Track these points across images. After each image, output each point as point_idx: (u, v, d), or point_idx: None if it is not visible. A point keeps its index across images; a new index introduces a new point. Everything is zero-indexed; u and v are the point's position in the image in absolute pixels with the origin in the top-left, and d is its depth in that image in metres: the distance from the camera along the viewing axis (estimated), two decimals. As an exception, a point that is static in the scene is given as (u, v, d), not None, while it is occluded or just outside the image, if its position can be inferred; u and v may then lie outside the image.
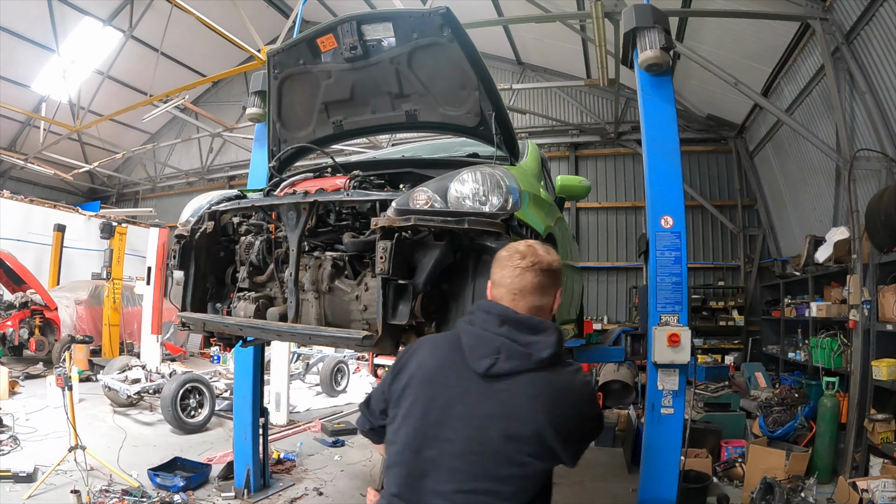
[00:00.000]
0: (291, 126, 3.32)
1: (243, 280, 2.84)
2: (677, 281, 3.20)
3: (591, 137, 10.95)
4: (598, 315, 10.58)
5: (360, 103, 3.10)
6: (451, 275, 2.27)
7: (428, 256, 2.19)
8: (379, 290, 2.15)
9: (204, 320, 2.70)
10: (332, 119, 3.23)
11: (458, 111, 2.88)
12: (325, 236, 2.66)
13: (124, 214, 13.58)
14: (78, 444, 4.49)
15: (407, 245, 2.17)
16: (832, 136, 6.16)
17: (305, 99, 3.18)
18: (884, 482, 4.01)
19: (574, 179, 3.38)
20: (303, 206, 2.47)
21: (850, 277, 5.25)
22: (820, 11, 5.68)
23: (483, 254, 2.23)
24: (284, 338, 2.42)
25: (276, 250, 2.75)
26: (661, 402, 3.13)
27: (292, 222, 2.50)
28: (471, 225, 2.11)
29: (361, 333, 2.20)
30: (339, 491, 4.87)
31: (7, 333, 9.14)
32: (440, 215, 2.14)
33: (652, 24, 3.26)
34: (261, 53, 7.68)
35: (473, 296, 2.21)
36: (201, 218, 2.90)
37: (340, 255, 2.54)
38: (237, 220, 3.03)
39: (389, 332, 2.18)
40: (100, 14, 11.22)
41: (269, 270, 2.77)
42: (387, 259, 2.10)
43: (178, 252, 2.84)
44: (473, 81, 2.68)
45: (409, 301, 2.15)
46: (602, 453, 6.46)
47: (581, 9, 7.68)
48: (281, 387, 7.06)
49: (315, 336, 2.34)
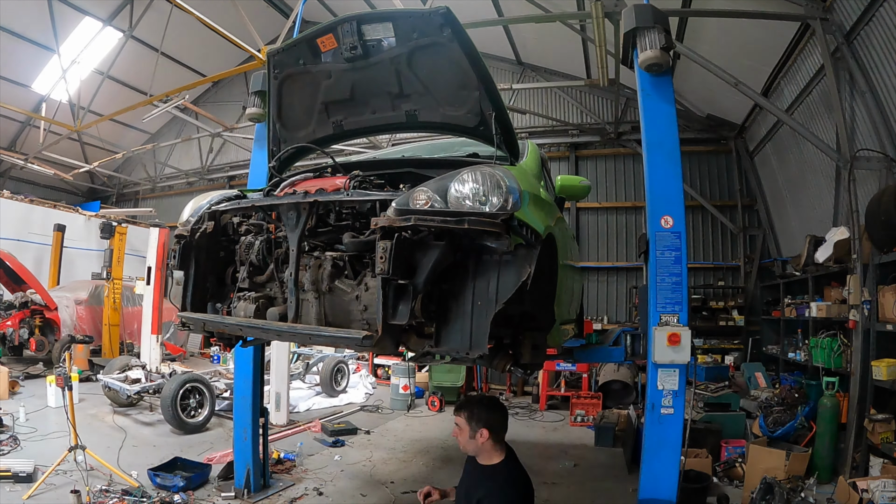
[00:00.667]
0: (291, 126, 3.32)
1: (243, 280, 2.84)
2: (677, 281, 3.20)
3: (591, 137, 10.95)
4: (598, 315, 10.57)
5: (360, 103, 3.10)
6: (452, 275, 2.27)
7: (428, 256, 2.18)
8: (379, 291, 2.14)
9: (204, 320, 2.71)
10: (332, 119, 3.23)
11: (458, 111, 2.87)
12: (325, 236, 2.66)
13: (124, 214, 13.57)
14: (78, 444, 4.49)
15: (407, 245, 2.17)
16: (832, 136, 6.16)
17: (305, 99, 3.18)
18: (884, 482, 4.01)
19: (574, 179, 3.38)
20: (303, 206, 2.48)
21: (850, 277, 5.25)
22: (820, 11, 5.68)
23: (483, 254, 2.23)
24: (284, 338, 2.43)
25: (276, 250, 2.75)
26: (661, 402, 3.13)
27: (292, 222, 2.51)
28: (471, 225, 2.11)
29: (361, 333, 2.20)
30: (339, 491, 4.87)
31: (7, 333, 9.14)
32: (440, 215, 2.14)
33: (652, 24, 3.26)
34: (261, 53, 7.68)
35: (474, 296, 2.21)
36: (201, 218, 2.91)
37: (340, 255, 2.54)
38: (237, 220, 3.03)
39: (389, 332, 2.18)
40: (100, 14, 11.21)
41: (269, 270, 2.77)
42: (387, 259, 2.10)
43: (178, 252, 2.85)
44: (473, 81, 2.68)
45: (409, 301, 2.15)
46: (602, 453, 6.46)
47: (581, 9, 7.68)
48: (281, 387, 7.06)
49: (315, 336, 2.35)
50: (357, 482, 5.15)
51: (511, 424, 2.61)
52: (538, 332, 2.70)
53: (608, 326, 10.43)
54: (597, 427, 6.89)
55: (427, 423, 7.79)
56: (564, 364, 8.69)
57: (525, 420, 8.12)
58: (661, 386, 3.14)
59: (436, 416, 8.23)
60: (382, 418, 7.89)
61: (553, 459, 6.14)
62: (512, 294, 2.16)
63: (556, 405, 8.95)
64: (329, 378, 8.85)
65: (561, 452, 6.41)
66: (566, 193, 3.41)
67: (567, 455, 6.29)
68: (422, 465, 5.78)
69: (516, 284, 2.16)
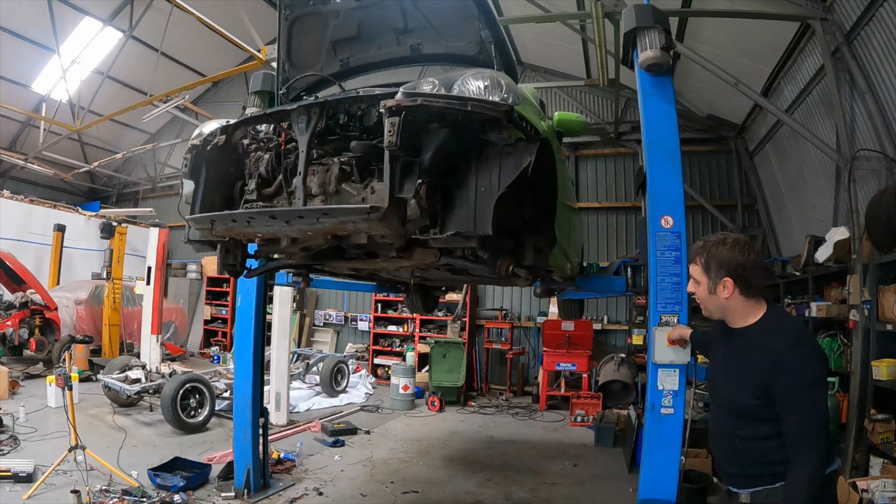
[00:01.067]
0: (300, 66, 3.44)
1: (251, 192, 2.83)
2: (677, 281, 3.20)
3: (590, 137, 10.93)
4: (598, 315, 10.57)
5: (366, 40, 3.27)
6: (456, 170, 2.38)
7: (433, 138, 2.30)
8: (386, 165, 2.23)
9: (212, 217, 2.68)
10: (339, 57, 3.38)
11: (459, 42, 3.04)
12: (334, 145, 2.70)
13: (124, 214, 13.56)
14: (78, 444, 4.49)
15: (413, 125, 2.25)
16: (832, 136, 6.16)
17: (314, 39, 3.33)
18: (884, 482, 4.00)
19: (571, 115, 3.55)
20: (313, 109, 2.54)
21: (850, 277, 5.25)
22: (820, 11, 5.67)
23: (486, 148, 2.34)
24: (293, 222, 2.42)
25: (285, 160, 2.76)
26: (661, 402, 3.14)
27: (303, 126, 2.55)
28: (474, 108, 2.21)
29: (368, 205, 2.26)
30: (339, 491, 4.87)
31: (7, 333, 9.14)
32: (445, 98, 2.26)
33: (652, 24, 3.27)
34: (261, 53, 7.68)
35: (477, 184, 2.31)
36: (214, 132, 2.93)
37: (348, 160, 2.58)
38: (247, 141, 3.05)
39: (395, 206, 2.25)
40: (100, 14, 11.20)
41: (277, 182, 2.77)
42: (395, 132, 2.18)
43: (189, 161, 2.87)
44: (473, 11, 2.85)
45: (414, 177, 2.25)
46: (602, 453, 6.46)
47: (581, 9, 7.67)
48: (281, 387, 7.07)
49: (324, 213, 2.35)
50: (357, 482, 5.15)
51: (511, 424, 2.58)
52: (540, 236, 2.82)
53: (608, 326, 10.46)
54: (597, 427, 6.89)
55: (427, 423, 7.79)
56: (564, 364, 8.72)
57: (525, 420, 8.12)
58: (661, 386, 3.14)
59: (436, 415, 8.23)
60: (382, 418, 7.90)
61: (553, 459, 6.14)
62: (513, 180, 2.26)
63: (556, 405, 8.95)
64: (329, 378, 8.85)
65: (561, 452, 6.42)
66: (564, 128, 3.53)
67: (567, 455, 6.29)
68: (422, 465, 5.78)
69: (517, 171, 2.27)
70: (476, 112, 2.21)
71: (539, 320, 10.51)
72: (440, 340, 9.70)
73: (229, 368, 8.34)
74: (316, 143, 2.61)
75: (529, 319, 10.93)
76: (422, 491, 5.00)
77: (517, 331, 10.86)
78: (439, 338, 10.07)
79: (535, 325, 10.72)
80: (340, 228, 2.36)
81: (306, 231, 2.47)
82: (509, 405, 9.06)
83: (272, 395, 6.91)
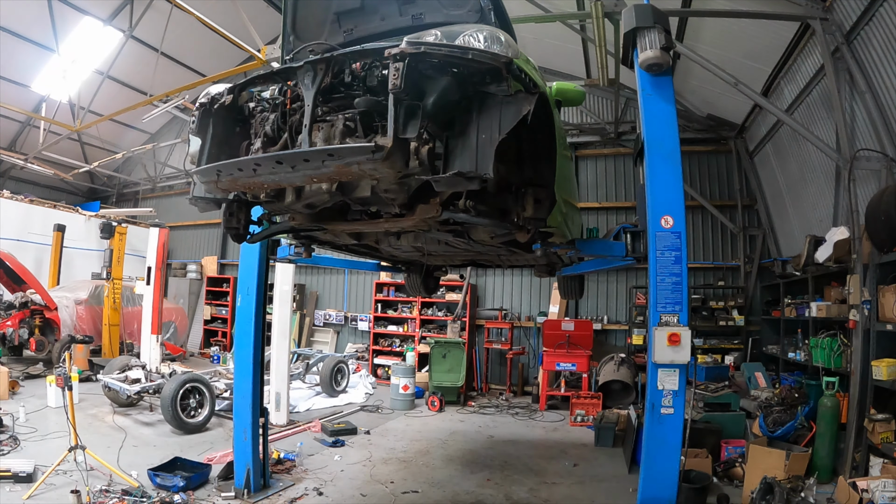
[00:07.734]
0: (305, 38, 3.50)
1: (257, 151, 2.83)
2: (677, 281, 3.20)
3: (590, 137, 10.95)
4: (598, 315, 10.57)
5: (369, 11, 3.32)
6: (458, 121, 2.46)
7: (435, 85, 2.37)
8: (391, 108, 2.28)
9: (218, 167, 2.68)
10: (343, 28, 3.44)
11: (460, 10, 3.10)
12: (338, 102, 2.73)
13: (124, 214, 13.58)
14: (78, 444, 4.49)
15: (417, 71, 2.31)
16: (832, 136, 6.16)
17: (318, 11, 3.43)
18: (884, 482, 4.01)
19: (570, 84, 3.64)
20: (319, 65, 2.58)
21: (850, 277, 5.26)
22: (820, 11, 5.68)
23: (486, 99, 2.40)
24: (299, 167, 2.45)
25: (291, 118, 2.77)
26: (661, 402, 3.14)
27: (309, 81, 2.59)
28: (475, 57, 2.29)
29: (373, 143, 2.30)
30: (339, 491, 4.87)
31: (7, 333, 9.14)
32: (447, 47, 2.33)
33: (652, 24, 3.28)
34: (261, 53, 7.68)
35: (478, 130, 2.38)
36: (221, 92, 2.95)
37: (352, 116, 2.62)
38: (253, 104, 3.06)
39: (399, 146, 2.31)
40: (100, 14, 11.20)
41: (283, 140, 2.77)
42: (399, 76, 2.24)
43: (197, 118, 2.89)
44: None
45: (417, 119, 2.32)
46: (602, 453, 6.47)
47: (581, 9, 7.67)
48: (281, 387, 7.07)
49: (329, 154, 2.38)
50: (357, 482, 5.15)
51: (511, 424, 2.58)
52: (540, 188, 2.87)
53: (608, 327, 10.45)
54: (597, 427, 6.89)
55: (427, 423, 7.79)
56: (564, 364, 8.72)
57: (525, 420, 8.12)
58: (661, 386, 3.14)
59: (436, 415, 8.23)
60: (382, 418, 7.90)
61: (553, 459, 6.14)
62: (513, 126, 2.34)
63: (556, 405, 8.95)
64: (329, 378, 8.85)
65: (561, 452, 6.42)
66: (562, 96, 3.62)
67: (567, 455, 6.29)
68: (422, 465, 5.79)
69: (517, 118, 2.35)
70: (476, 61, 2.30)
71: (539, 320, 10.51)
72: (440, 340, 9.70)
73: (229, 368, 8.35)
74: (321, 101, 2.65)
75: (529, 319, 10.93)
76: (422, 491, 5.00)
77: (517, 331, 10.86)
78: (439, 338, 10.08)
79: (535, 325, 10.72)
80: (345, 172, 2.41)
81: (312, 177, 2.51)
82: (509, 405, 9.06)
83: (272, 395, 6.91)
